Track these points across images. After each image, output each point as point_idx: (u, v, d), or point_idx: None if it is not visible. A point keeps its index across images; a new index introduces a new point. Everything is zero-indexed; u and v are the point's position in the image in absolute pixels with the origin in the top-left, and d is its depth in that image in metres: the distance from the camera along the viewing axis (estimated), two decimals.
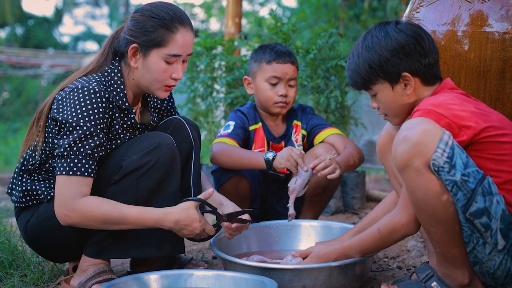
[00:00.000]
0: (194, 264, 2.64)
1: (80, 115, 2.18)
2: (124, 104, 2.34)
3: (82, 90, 2.21)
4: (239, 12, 5.24)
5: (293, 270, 2.12)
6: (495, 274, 1.86)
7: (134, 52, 2.29)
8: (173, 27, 2.27)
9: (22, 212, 2.40)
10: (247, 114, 3.05)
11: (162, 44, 2.26)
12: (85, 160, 2.17)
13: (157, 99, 2.60)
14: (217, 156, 2.82)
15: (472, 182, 1.78)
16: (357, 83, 2.17)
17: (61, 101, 2.24)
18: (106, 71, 2.34)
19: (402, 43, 2.05)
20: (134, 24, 2.29)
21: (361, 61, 2.11)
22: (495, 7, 2.38)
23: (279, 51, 2.97)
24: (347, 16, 10.07)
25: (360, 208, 3.97)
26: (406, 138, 1.81)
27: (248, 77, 3.08)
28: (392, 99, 2.11)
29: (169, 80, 2.32)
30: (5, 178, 6.94)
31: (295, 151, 2.61)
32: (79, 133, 2.16)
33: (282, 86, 2.95)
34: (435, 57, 2.09)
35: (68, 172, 2.16)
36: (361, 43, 2.13)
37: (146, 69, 2.30)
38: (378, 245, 2.10)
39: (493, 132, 1.87)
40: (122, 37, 2.33)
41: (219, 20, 24.51)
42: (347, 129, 3.97)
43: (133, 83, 2.37)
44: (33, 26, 26.55)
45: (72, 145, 2.16)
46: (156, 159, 2.24)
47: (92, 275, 2.26)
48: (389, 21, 2.14)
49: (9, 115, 14.69)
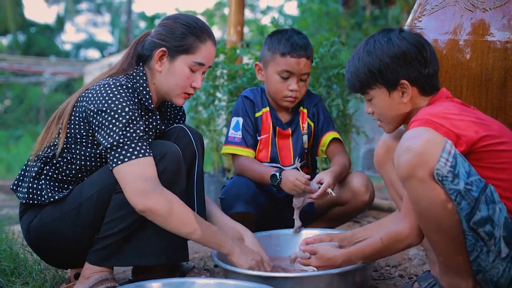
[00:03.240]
0: (196, 272, 2.63)
1: (120, 99, 2.22)
2: (150, 106, 2.39)
3: (115, 85, 2.27)
4: (241, 20, 5.26)
5: (294, 278, 2.12)
6: (499, 282, 1.86)
7: (161, 56, 2.38)
8: (203, 37, 2.40)
9: (26, 213, 2.39)
10: (255, 99, 2.98)
11: (191, 51, 2.37)
12: (141, 143, 2.20)
13: (171, 111, 2.65)
14: (238, 173, 2.91)
15: (475, 190, 1.78)
16: (354, 86, 2.17)
17: (94, 95, 2.27)
18: (131, 75, 2.41)
19: (404, 50, 2.05)
20: (165, 29, 2.39)
21: (361, 65, 2.11)
22: (497, 16, 2.39)
23: (295, 43, 2.84)
24: (349, 24, 10.09)
25: (361, 216, 3.96)
26: (409, 148, 1.80)
27: (259, 63, 2.98)
28: (388, 105, 2.11)
29: (189, 88, 2.42)
30: (6, 186, 6.94)
31: (300, 179, 2.62)
32: (126, 118, 2.20)
33: (294, 81, 2.85)
34: (435, 68, 2.09)
35: (132, 158, 2.16)
36: (363, 47, 2.13)
37: (170, 74, 2.38)
38: (380, 254, 2.10)
39: (491, 141, 1.87)
40: (149, 41, 2.41)
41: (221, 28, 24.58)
42: (349, 138, 3.97)
43: (153, 88, 2.43)
44: (35, 34, 26.65)
45: (124, 132, 2.18)
46: (163, 168, 2.24)
47: (95, 282, 2.26)
48: (393, 28, 2.14)
49: (11, 122, 14.73)
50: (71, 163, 2.35)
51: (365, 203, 2.85)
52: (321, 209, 2.95)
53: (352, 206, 2.86)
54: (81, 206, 2.29)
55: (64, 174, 2.35)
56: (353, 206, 2.86)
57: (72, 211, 2.29)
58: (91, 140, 2.31)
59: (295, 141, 2.96)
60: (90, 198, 2.28)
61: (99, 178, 2.29)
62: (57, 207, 2.32)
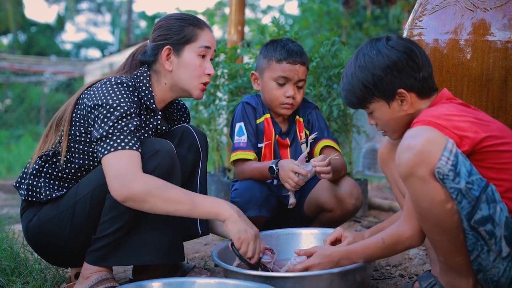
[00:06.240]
0: (197, 272, 2.63)
1: (118, 95, 2.25)
2: (152, 105, 2.41)
3: (116, 82, 2.30)
4: (242, 20, 5.25)
5: (294, 278, 2.12)
6: (499, 281, 1.85)
7: (168, 54, 2.43)
8: (199, 25, 2.48)
9: (26, 211, 2.40)
10: (256, 106, 2.98)
11: (193, 39, 2.44)
12: (131, 136, 2.20)
13: (177, 112, 2.68)
14: (240, 178, 2.91)
15: (476, 189, 1.78)
16: (353, 103, 2.17)
17: (94, 91, 2.30)
18: (135, 74, 2.44)
19: (395, 60, 2.04)
20: (162, 29, 2.46)
21: (355, 81, 2.10)
22: (498, 16, 2.39)
23: (290, 50, 2.87)
24: (350, 24, 10.08)
25: (362, 216, 3.96)
26: (410, 146, 1.80)
27: (255, 72, 2.99)
28: (389, 116, 2.11)
29: (204, 77, 2.47)
30: (7, 185, 6.94)
31: (294, 168, 2.64)
32: (120, 112, 2.21)
33: (291, 87, 2.86)
34: (429, 70, 2.08)
35: (118, 148, 2.16)
36: (354, 63, 2.12)
37: (182, 67, 2.44)
38: (381, 254, 2.10)
39: (493, 141, 1.87)
40: (150, 47, 2.47)
41: (221, 28, 24.60)
42: (350, 137, 3.97)
43: (165, 89, 2.47)
44: (35, 33, 26.66)
45: (115, 124, 2.20)
46: (155, 165, 2.24)
47: (95, 282, 2.26)
48: (380, 37, 2.12)
49: (12, 122, 14.71)
50: (70, 162, 2.35)
51: (350, 210, 2.83)
52: (310, 214, 2.96)
53: (337, 213, 2.85)
54: (76, 204, 2.30)
55: (64, 172, 2.36)
56: (339, 213, 2.84)
57: (68, 210, 2.29)
58: (89, 137, 2.32)
59: (293, 151, 2.97)
60: (85, 197, 2.29)
61: (95, 177, 2.30)
62: (54, 206, 2.32)
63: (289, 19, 18.55)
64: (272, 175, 2.74)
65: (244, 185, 2.85)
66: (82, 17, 31.52)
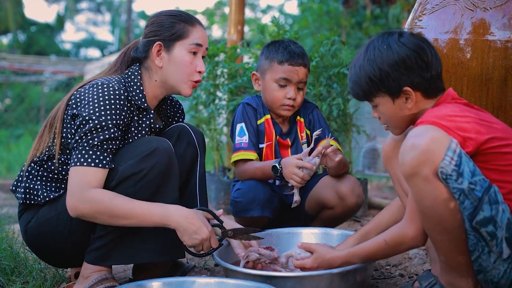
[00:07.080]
0: (197, 271, 2.63)
1: (96, 108, 2.22)
2: (143, 104, 2.39)
3: (102, 87, 2.27)
4: (242, 20, 5.25)
5: (294, 278, 2.12)
6: (499, 283, 1.85)
7: (159, 50, 2.41)
8: (191, 21, 2.45)
9: (24, 213, 2.40)
10: (256, 107, 3.00)
11: (184, 36, 2.42)
12: (92, 151, 2.19)
13: (170, 109, 2.66)
14: (242, 178, 2.92)
15: (479, 190, 1.78)
16: (358, 94, 2.17)
17: (80, 97, 2.30)
18: (126, 73, 2.43)
19: (404, 57, 2.03)
20: (153, 26, 2.44)
21: (362, 74, 2.10)
22: (497, 15, 2.38)
23: (292, 52, 2.88)
24: (349, 23, 10.09)
25: (362, 215, 3.96)
26: (414, 146, 1.80)
27: (256, 72, 3.00)
28: (392, 112, 2.10)
29: (195, 74, 2.45)
30: (7, 185, 6.94)
31: (298, 163, 2.64)
32: (90, 125, 2.20)
33: (292, 88, 2.88)
34: (438, 70, 2.06)
35: (76, 163, 2.19)
36: (363, 55, 2.11)
37: (172, 64, 2.41)
38: (383, 255, 2.10)
39: (496, 143, 1.86)
40: (142, 43, 2.46)
41: (221, 28, 24.60)
42: (349, 137, 3.97)
43: (155, 85, 2.45)
44: (35, 33, 26.64)
45: (82, 137, 2.20)
46: (153, 164, 2.24)
47: (94, 282, 2.26)
48: (393, 32, 2.11)
49: (12, 121, 14.70)
50: (65, 164, 2.35)
51: (352, 208, 2.84)
52: (312, 212, 2.96)
53: (339, 211, 2.85)
54: None
55: (60, 174, 2.36)
56: (340, 210, 2.85)
57: (66, 211, 2.29)
58: None
59: (294, 152, 2.97)
60: None
61: None
62: (53, 207, 2.32)
63: (289, 19, 18.56)
64: (276, 174, 2.74)
65: (247, 185, 2.84)
66: (82, 16, 31.53)
